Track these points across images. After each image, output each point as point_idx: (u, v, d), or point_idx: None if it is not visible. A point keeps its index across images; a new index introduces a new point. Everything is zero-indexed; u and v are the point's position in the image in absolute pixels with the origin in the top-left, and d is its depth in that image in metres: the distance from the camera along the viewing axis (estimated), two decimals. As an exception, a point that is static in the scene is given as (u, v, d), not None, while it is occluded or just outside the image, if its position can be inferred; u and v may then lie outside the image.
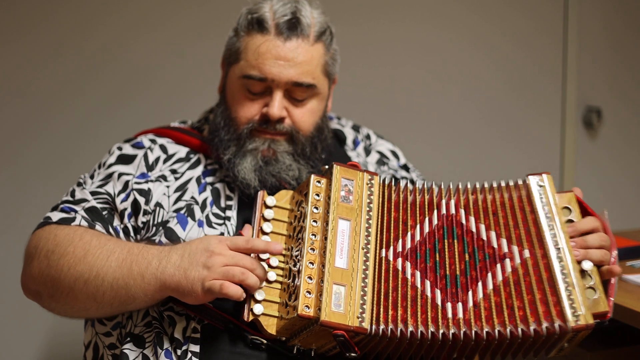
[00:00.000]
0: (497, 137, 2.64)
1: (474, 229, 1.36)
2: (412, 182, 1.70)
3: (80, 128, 2.18)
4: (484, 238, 1.34)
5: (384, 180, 1.43)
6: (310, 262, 1.31)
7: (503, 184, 1.41)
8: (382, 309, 1.29)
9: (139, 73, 2.21)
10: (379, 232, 1.36)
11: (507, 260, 1.31)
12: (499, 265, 1.31)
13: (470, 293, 1.29)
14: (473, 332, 1.26)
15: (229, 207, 1.49)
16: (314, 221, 1.35)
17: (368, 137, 1.76)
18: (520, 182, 1.40)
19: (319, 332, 1.27)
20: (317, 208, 1.37)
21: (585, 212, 1.40)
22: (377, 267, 1.33)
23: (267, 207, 1.40)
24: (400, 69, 2.50)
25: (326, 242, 1.32)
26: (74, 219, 1.42)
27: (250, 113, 1.50)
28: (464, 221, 1.37)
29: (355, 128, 1.77)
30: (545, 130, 2.69)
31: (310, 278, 1.30)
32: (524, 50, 2.63)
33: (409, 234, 1.36)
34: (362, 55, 2.39)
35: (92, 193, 1.48)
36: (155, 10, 2.22)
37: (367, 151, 1.72)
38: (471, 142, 2.60)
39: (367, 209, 1.37)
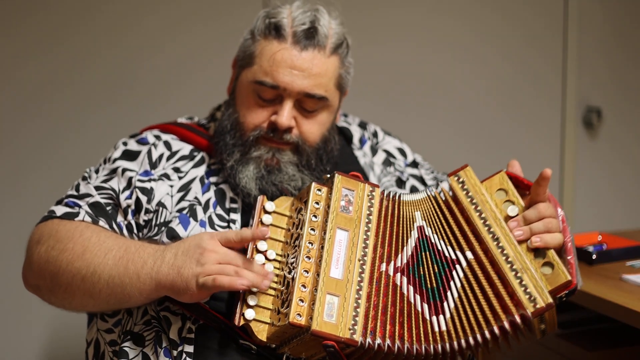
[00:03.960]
0: (497, 137, 2.64)
1: (433, 239, 1.34)
2: (421, 181, 1.69)
3: (68, 123, 2.17)
4: (439, 247, 1.33)
5: (386, 193, 1.41)
6: (305, 270, 1.29)
7: (430, 192, 1.39)
8: (379, 324, 1.27)
9: (126, 68, 2.20)
10: (379, 245, 1.34)
11: (458, 267, 1.30)
12: (454, 272, 1.30)
13: (445, 304, 1.28)
14: (455, 343, 1.25)
15: (234, 210, 1.48)
16: (312, 229, 1.33)
17: (375, 134, 1.74)
18: (442, 185, 1.39)
19: (309, 342, 1.26)
20: (315, 216, 1.35)
21: (521, 186, 1.35)
22: (375, 281, 1.31)
23: (266, 212, 1.39)
24: (400, 66, 2.48)
25: (322, 251, 1.30)
26: (77, 213, 1.41)
27: (259, 119, 1.48)
28: (427, 232, 1.35)
29: (362, 125, 1.75)
30: (545, 130, 2.69)
31: (304, 286, 1.28)
32: (524, 50, 2.62)
33: (405, 248, 1.35)
34: (365, 48, 2.38)
35: (97, 188, 1.47)
36: (142, 6, 2.22)
37: (374, 150, 1.70)
38: (471, 142, 2.60)
39: (367, 220, 1.35)
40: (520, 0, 2.61)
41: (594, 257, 1.90)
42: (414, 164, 1.73)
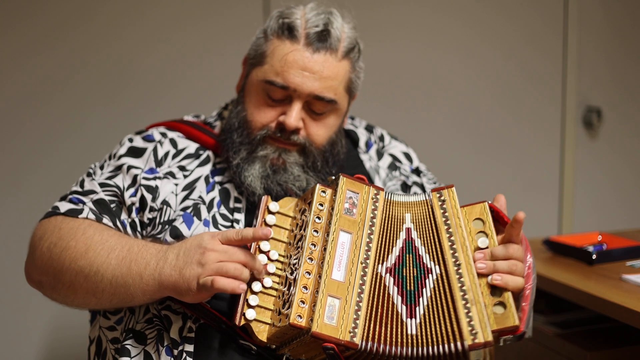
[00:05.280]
0: (498, 137, 2.64)
1: (416, 243, 1.35)
2: (422, 189, 1.68)
3: (68, 121, 2.17)
4: (420, 252, 1.34)
5: (389, 196, 1.41)
6: (307, 272, 1.29)
7: (419, 198, 1.40)
8: (372, 325, 1.27)
9: (125, 67, 2.20)
10: (379, 248, 1.34)
11: (430, 276, 1.31)
12: (427, 280, 1.31)
13: (417, 308, 1.28)
14: (420, 351, 1.25)
15: (238, 210, 1.47)
16: (315, 231, 1.33)
17: (382, 138, 1.74)
18: (425, 197, 1.39)
19: (309, 343, 1.26)
20: (319, 218, 1.34)
21: (500, 221, 1.36)
22: (373, 282, 1.31)
23: (270, 212, 1.39)
24: (400, 65, 2.48)
25: (325, 253, 1.30)
26: (81, 210, 1.41)
27: (267, 119, 1.48)
28: (413, 235, 1.36)
29: (369, 129, 1.74)
30: (545, 130, 2.70)
31: (305, 288, 1.27)
32: (524, 50, 2.62)
33: (394, 248, 1.35)
34: (364, 47, 2.38)
35: (101, 185, 1.46)
36: (142, 3, 2.21)
37: (380, 154, 1.69)
38: (471, 142, 2.60)
39: (370, 223, 1.35)
40: (520, 0, 2.61)
41: (594, 257, 1.90)
42: (417, 172, 1.72)
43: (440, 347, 1.24)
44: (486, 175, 2.61)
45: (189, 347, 1.35)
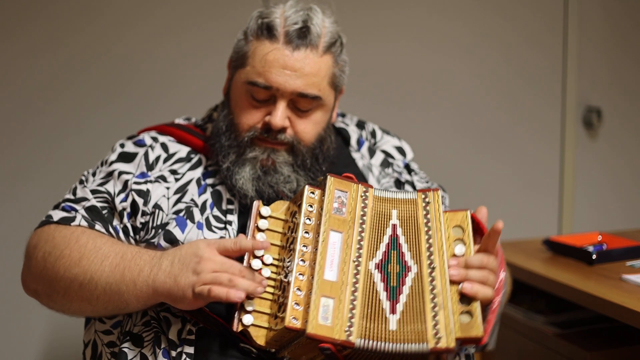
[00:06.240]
0: (497, 137, 2.63)
1: (400, 240, 1.35)
2: (413, 187, 1.67)
3: (67, 124, 2.17)
4: (403, 250, 1.34)
5: (378, 192, 1.40)
6: (300, 274, 1.29)
7: (407, 196, 1.39)
8: (365, 323, 1.27)
9: (125, 69, 2.19)
10: (370, 245, 1.34)
11: (410, 274, 1.31)
12: (407, 278, 1.30)
13: (398, 305, 1.28)
14: (398, 347, 1.25)
15: (230, 211, 1.47)
16: (306, 232, 1.33)
17: (373, 134, 1.72)
18: (411, 197, 1.39)
19: (306, 345, 1.25)
20: (309, 219, 1.34)
21: (479, 233, 1.36)
22: (366, 280, 1.31)
23: (262, 217, 1.38)
24: (400, 66, 2.47)
25: (316, 253, 1.29)
26: (74, 218, 1.41)
27: (253, 120, 1.48)
28: (398, 232, 1.36)
29: (360, 125, 1.73)
30: (545, 130, 2.69)
31: (299, 290, 1.27)
32: (524, 50, 2.61)
33: (381, 244, 1.35)
34: (365, 48, 2.38)
35: (93, 191, 1.46)
36: (142, 6, 2.21)
37: (372, 152, 1.68)
38: (471, 142, 2.60)
39: (360, 221, 1.35)
40: (520, 1, 2.61)
41: (594, 257, 1.90)
42: (409, 170, 1.71)
43: (407, 345, 1.24)
44: (486, 175, 2.61)
45: (189, 349, 1.35)
